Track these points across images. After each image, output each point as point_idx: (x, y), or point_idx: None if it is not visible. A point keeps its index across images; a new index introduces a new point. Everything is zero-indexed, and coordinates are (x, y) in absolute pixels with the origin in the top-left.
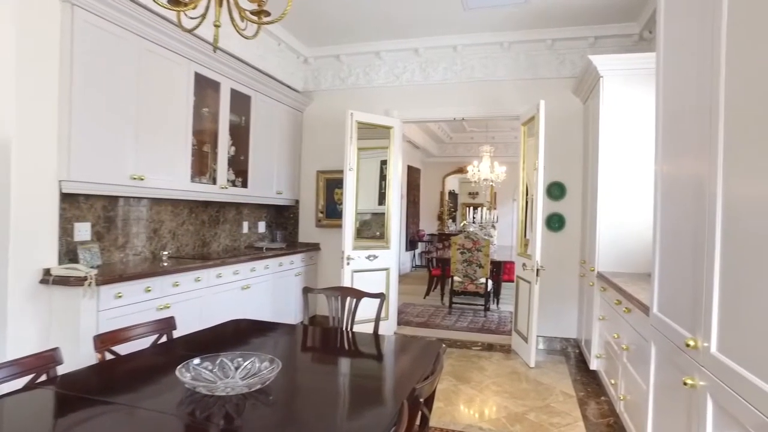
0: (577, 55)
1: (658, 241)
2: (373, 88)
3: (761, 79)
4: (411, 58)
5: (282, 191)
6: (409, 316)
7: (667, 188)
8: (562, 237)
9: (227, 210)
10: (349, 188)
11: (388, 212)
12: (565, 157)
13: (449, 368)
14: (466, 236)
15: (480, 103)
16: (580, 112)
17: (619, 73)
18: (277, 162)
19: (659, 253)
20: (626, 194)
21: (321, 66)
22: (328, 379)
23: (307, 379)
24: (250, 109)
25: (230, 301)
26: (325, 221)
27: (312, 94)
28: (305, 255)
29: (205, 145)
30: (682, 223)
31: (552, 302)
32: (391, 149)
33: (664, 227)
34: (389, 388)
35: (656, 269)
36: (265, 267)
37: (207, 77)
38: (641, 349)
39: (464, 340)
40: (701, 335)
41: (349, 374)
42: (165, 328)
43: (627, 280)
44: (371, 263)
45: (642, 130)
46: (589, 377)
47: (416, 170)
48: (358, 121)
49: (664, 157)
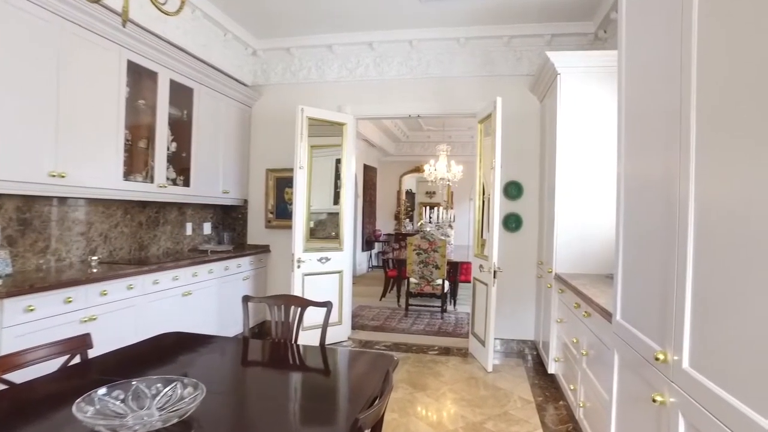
0: (534, 52)
1: (621, 245)
2: (326, 83)
3: (738, 75)
4: (365, 53)
5: (229, 190)
6: (365, 320)
7: (631, 190)
8: (519, 237)
9: (168, 210)
10: (299, 187)
11: (342, 212)
12: (522, 156)
13: (404, 375)
14: (423, 237)
15: (436, 100)
16: (537, 111)
17: (576, 71)
18: (223, 159)
19: (622, 258)
20: (585, 194)
21: (271, 59)
22: (265, 405)
23: (239, 405)
24: (193, 103)
25: (169, 310)
26: (275, 222)
27: (261, 89)
28: (254, 258)
29: (142, 141)
30: (648, 227)
31: (509, 304)
32: (344, 147)
33: (628, 230)
34: (334, 414)
35: (619, 275)
36: (209, 271)
37: (142, 66)
38: (602, 355)
39: (420, 344)
40: (671, 348)
41: (289, 397)
42: (77, 348)
43: (586, 282)
44: (323, 266)
45: (600, 129)
46: (547, 381)
47: (373, 169)
48: (309, 116)
49: (628, 159)
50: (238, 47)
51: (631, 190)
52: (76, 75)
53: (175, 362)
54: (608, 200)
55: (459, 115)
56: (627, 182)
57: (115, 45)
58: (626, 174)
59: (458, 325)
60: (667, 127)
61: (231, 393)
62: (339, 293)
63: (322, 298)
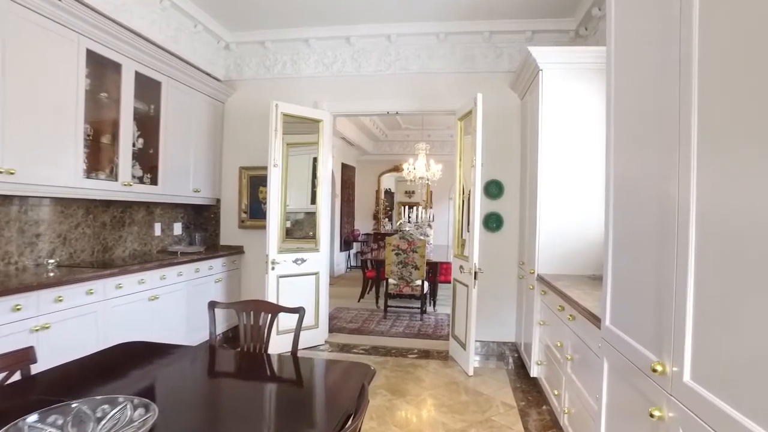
0: (514, 48)
1: (611, 247)
2: (302, 79)
3: (745, 66)
4: (342, 48)
5: (200, 189)
6: (343, 322)
7: (621, 190)
8: (500, 237)
9: (135, 210)
10: (273, 186)
11: (318, 212)
12: (502, 154)
13: (383, 380)
14: (401, 237)
15: (415, 97)
16: (517, 108)
17: (559, 67)
18: (194, 157)
19: (612, 261)
20: (567, 193)
21: (244, 53)
22: (230, 425)
23: (201, 425)
24: (161, 97)
25: (135, 316)
26: (249, 222)
27: (235, 84)
28: (227, 259)
29: (105, 136)
30: (641, 229)
31: (489, 305)
32: (320, 144)
33: (618, 232)
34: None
35: (608, 278)
36: (178, 274)
37: (104, 57)
38: (589, 361)
39: (400, 347)
40: (670, 359)
41: (257, 414)
42: (17, 363)
43: (569, 283)
44: (299, 267)
45: (583, 127)
46: (530, 384)
47: (351, 168)
48: (283, 113)
49: (618, 158)
50: (210, 40)
51: (621, 190)
52: (26, 64)
53: (131, 377)
54: (591, 199)
55: (438, 112)
56: (617, 182)
57: (72, 32)
58: (616, 173)
59: (438, 326)
60: (663, 125)
61: (192, 410)
62: (315, 295)
63: (297, 301)
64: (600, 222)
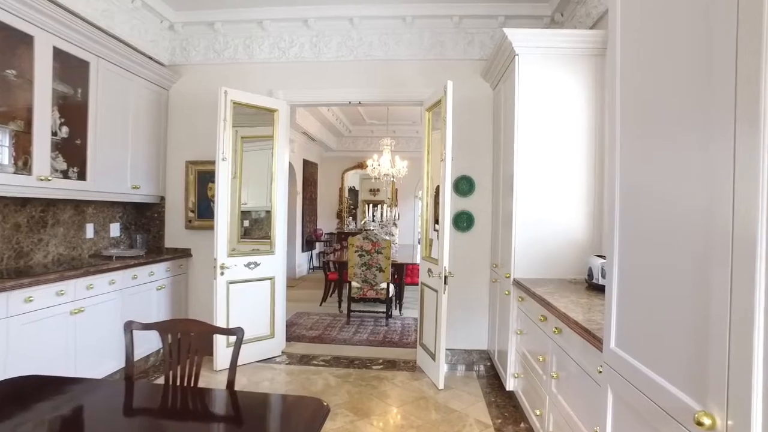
0: (486, 35)
1: (617, 257)
2: (255, 65)
3: None
4: (300, 31)
5: (140, 185)
6: (302, 329)
7: (633, 192)
8: (471, 237)
9: (60, 209)
10: (222, 182)
11: (274, 211)
12: (473, 148)
13: (345, 398)
14: (365, 237)
15: (379, 86)
16: (489, 99)
17: (537, 51)
18: (133, 149)
19: (618, 272)
20: (547, 190)
21: (192, 35)
22: None
23: None
24: (89, 79)
25: (51, 335)
26: (197, 222)
27: (180, 69)
28: (172, 263)
29: (14, 122)
30: (666, 240)
31: (460, 310)
32: (276, 137)
33: (627, 239)
34: None
35: (613, 292)
36: (109, 282)
37: (9, 25)
38: (582, 384)
39: (363, 357)
40: (723, 411)
41: None
42: None
43: (551, 289)
44: (252, 272)
45: (565, 118)
46: (505, 398)
47: (313, 165)
48: (233, 101)
49: (630, 152)
50: (151, 18)
51: (632, 191)
52: None
53: (6, 427)
54: (573, 197)
55: (405, 102)
56: (625, 181)
57: None
58: (624, 171)
59: (405, 332)
60: (707, 109)
61: None
62: (270, 303)
63: (250, 310)
64: (583, 222)
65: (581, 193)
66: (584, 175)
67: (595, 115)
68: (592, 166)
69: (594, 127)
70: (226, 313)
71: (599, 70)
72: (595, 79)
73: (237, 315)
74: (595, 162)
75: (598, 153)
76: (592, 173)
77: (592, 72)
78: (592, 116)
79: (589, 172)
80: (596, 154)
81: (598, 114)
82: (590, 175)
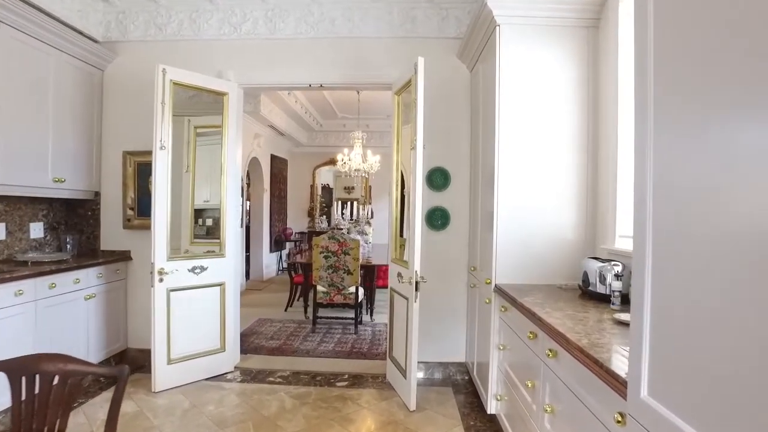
0: (463, 10)
1: (649, 277)
2: (203, 42)
3: None
4: (253, 4)
5: (64, 178)
6: (262, 339)
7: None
8: (446, 237)
9: None
10: (160, 174)
11: (224, 208)
12: (448, 137)
13: (302, 424)
14: (331, 236)
15: (344, 66)
16: (466, 81)
17: (522, 22)
18: (55, 136)
19: (652, 299)
20: (534, 185)
21: (129, 7)
22: None
23: None
24: None
25: None
26: (137, 220)
27: (117, 46)
28: (105, 268)
29: None
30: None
31: (434, 318)
32: (225, 124)
33: (666, 254)
34: None
35: (644, 323)
36: (16, 293)
37: None
38: (587, 426)
39: (327, 371)
40: None
41: None
42: None
43: (540, 298)
44: (198, 277)
45: (555, 101)
46: (486, 421)
47: (282, 161)
48: (174, 81)
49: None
50: None
51: (675, 190)
52: None
53: None
54: (565, 193)
55: (372, 86)
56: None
57: None
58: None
59: (375, 341)
60: None
61: None
62: (221, 312)
63: (196, 320)
64: (575, 220)
65: (572, 186)
66: (575, 166)
67: (587, 97)
68: (585, 155)
69: (586, 109)
70: (167, 325)
71: (592, 44)
72: (588, 54)
73: (180, 327)
74: (588, 150)
75: (592, 140)
76: (585, 163)
77: (584, 46)
78: (584, 97)
79: (581, 162)
80: (589, 142)
81: (590, 95)
82: (582, 165)
